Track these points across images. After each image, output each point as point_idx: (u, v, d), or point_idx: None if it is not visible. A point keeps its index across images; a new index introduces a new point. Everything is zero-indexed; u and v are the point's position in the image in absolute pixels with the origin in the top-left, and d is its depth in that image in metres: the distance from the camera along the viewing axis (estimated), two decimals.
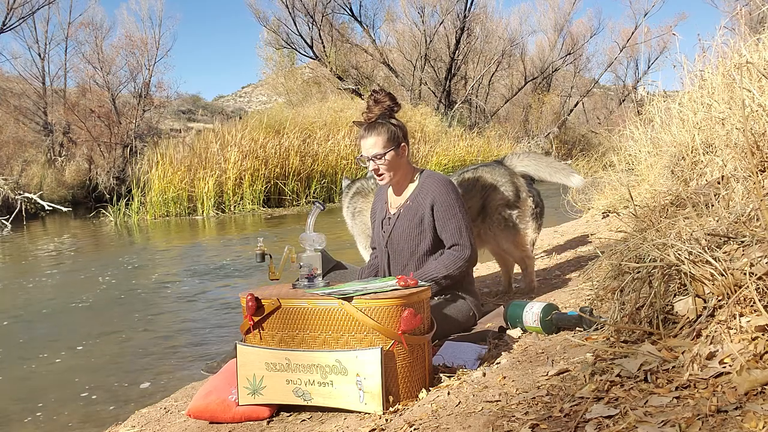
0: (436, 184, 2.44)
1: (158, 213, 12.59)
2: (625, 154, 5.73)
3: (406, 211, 2.47)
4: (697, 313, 1.48)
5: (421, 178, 2.50)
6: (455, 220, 2.41)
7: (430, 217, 2.42)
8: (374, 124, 2.40)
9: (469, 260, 2.42)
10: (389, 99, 2.41)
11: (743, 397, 1.18)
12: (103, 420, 2.69)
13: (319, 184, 14.20)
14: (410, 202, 2.47)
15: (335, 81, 23.06)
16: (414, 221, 2.44)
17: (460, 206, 2.44)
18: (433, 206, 2.42)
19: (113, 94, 20.05)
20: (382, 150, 2.39)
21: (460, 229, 2.41)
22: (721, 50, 4.00)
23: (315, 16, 22.37)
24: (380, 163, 2.41)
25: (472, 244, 2.43)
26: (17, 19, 18.69)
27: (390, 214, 2.54)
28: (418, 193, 2.46)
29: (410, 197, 2.48)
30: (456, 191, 2.48)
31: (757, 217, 1.73)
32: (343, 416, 1.82)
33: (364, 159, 2.45)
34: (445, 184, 2.45)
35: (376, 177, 2.48)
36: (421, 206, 2.44)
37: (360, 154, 2.48)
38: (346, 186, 3.32)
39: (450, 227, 2.41)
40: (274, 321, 1.98)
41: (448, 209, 2.41)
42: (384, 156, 2.39)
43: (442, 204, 2.41)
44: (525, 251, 3.03)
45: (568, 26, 26.41)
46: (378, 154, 2.39)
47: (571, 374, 1.58)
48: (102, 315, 4.68)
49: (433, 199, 2.42)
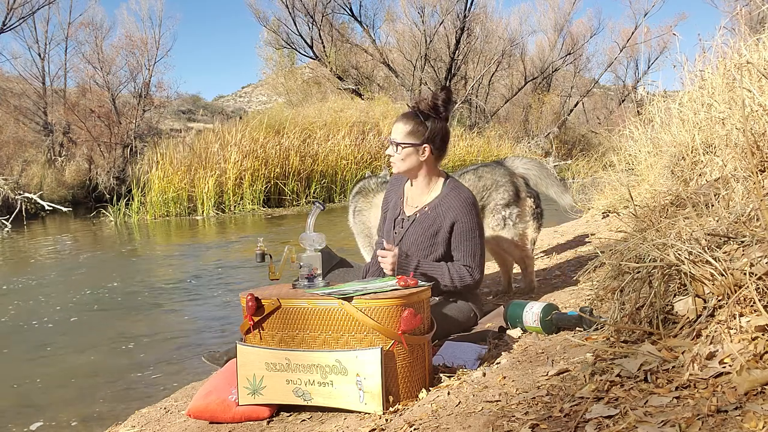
0: (461, 203, 2.38)
1: (158, 213, 12.59)
2: (625, 154, 5.73)
3: (423, 217, 2.42)
4: (697, 313, 1.48)
5: (445, 187, 2.44)
6: (472, 243, 2.39)
7: (446, 233, 2.39)
8: (409, 113, 2.39)
9: (475, 284, 2.41)
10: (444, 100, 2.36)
11: (743, 397, 1.18)
12: (103, 420, 2.69)
13: (319, 184, 14.20)
14: (429, 210, 2.42)
15: (335, 81, 23.06)
16: (429, 231, 2.40)
17: (480, 230, 2.42)
18: (453, 225, 2.38)
19: (113, 94, 20.04)
20: (400, 139, 2.36)
21: (474, 253, 2.39)
22: (721, 50, 4.00)
23: (315, 16, 22.37)
24: (394, 150, 2.39)
25: (482, 270, 2.42)
26: (17, 19, 18.68)
27: (405, 215, 2.49)
28: (439, 203, 2.41)
29: (430, 205, 2.43)
30: (478, 211, 2.44)
31: (757, 217, 1.73)
32: (343, 416, 1.82)
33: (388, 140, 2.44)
34: (469, 204, 2.40)
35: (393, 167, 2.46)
36: (440, 218, 2.39)
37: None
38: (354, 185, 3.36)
39: (465, 249, 2.38)
40: (274, 321, 1.98)
41: (468, 232, 2.38)
42: (399, 145, 2.37)
43: (463, 225, 2.37)
44: (525, 251, 3.03)
45: (568, 26, 26.42)
46: (396, 141, 2.37)
47: (571, 374, 1.58)
48: (102, 315, 4.68)
49: (454, 218, 2.37)
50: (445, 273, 2.34)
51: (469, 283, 2.38)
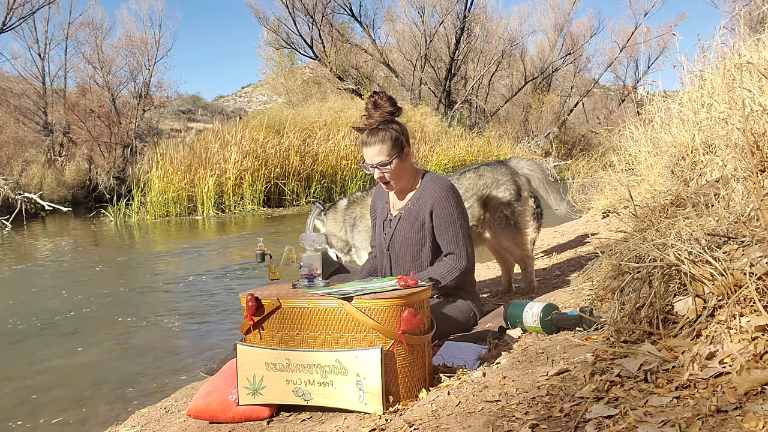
0: (437, 189, 2.38)
1: (158, 213, 12.59)
2: (625, 154, 5.73)
3: (407, 214, 2.43)
4: (697, 313, 1.48)
5: (423, 180, 2.45)
6: (453, 227, 2.36)
7: (429, 222, 2.39)
8: (377, 131, 2.32)
9: (465, 270, 2.37)
10: (390, 104, 2.33)
11: (743, 397, 1.18)
12: (103, 420, 2.69)
13: (319, 184, 14.20)
14: (411, 205, 2.43)
15: (335, 81, 23.06)
16: (415, 225, 2.40)
17: (459, 213, 2.39)
18: (432, 212, 2.37)
19: (113, 94, 20.07)
20: (387, 158, 2.32)
21: (457, 237, 2.36)
22: (721, 50, 4.01)
23: (315, 16, 22.38)
24: (385, 171, 2.34)
25: (468, 254, 2.38)
26: (17, 19, 18.71)
27: (391, 216, 2.50)
28: (419, 197, 2.42)
29: (412, 200, 2.44)
30: (456, 196, 2.42)
31: (757, 217, 1.73)
32: (343, 416, 1.82)
33: (367, 166, 2.37)
34: (445, 189, 2.39)
35: (382, 185, 2.42)
36: (422, 210, 2.39)
37: (363, 161, 2.39)
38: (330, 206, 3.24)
39: (447, 235, 2.36)
40: (274, 321, 1.98)
41: (447, 216, 2.36)
42: (389, 164, 2.33)
43: (441, 210, 2.36)
44: (525, 250, 3.03)
45: (568, 26, 26.44)
46: (383, 162, 2.32)
47: (571, 374, 1.58)
48: (102, 315, 4.68)
49: (432, 205, 2.37)
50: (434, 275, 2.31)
51: (458, 274, 2.34)
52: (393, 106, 2.34)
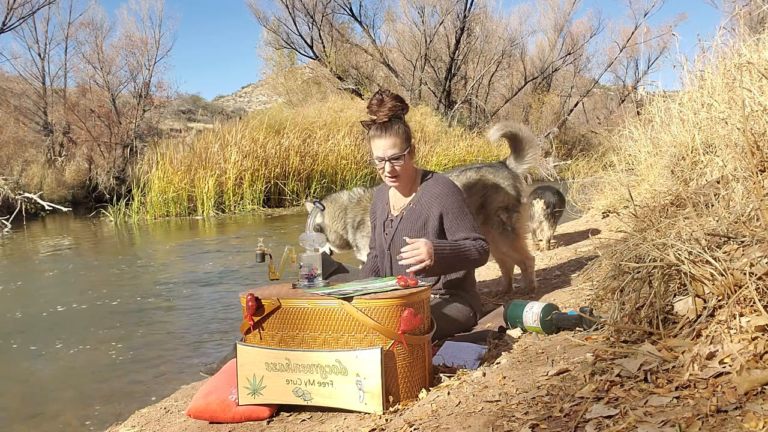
0: (442, 190, 2.40)
1: (158, 213, 12.60)
2: (625, 154, 5.73)
3: (409, 213, 2.44)
4: (697, 313, 1.48)
5: (424, 180, 2.47)
6: (466, 219, 2.39)
7: (437, 222, 2.39)
8: (389, 124, 2.34)
9: (486, 251, 2.39)
10: (397, 99, 2.36)
11: (743, 397, 1.18)
12: (103, 420, 2.69)
13: (319, 184, 14.21)
14: (413, 205, 2.44)
15: (335, 81, 23.07)
16: (417, 224, 2.41)
17: (468, 205, 2.44)
18: (442, 214, 2.39)
19: (113, 94, 20.08)
20: (400, 151, 2.34)
21: (473, 226, 2.40)
22: (721, 50, 4.01)
23: (315, 16, 22.39)
24: (398, 164, 2.36)
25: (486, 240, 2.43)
26: (17, 19, 18.73)
27: (392, 216, 2.50)
28: (421, 196, 2.43)
29: (413, 200, 2.45)
30: (460, 192, 2.46)
31: (757, 217, 1.73)
32: (343, 416, 1.82)
33: (379, 159, 2.37)
34: (449, 188, 2.42)
35: (389, 179, 2.41)
36: (425, 209, 2.41)
37: (373, 155, 2.38)
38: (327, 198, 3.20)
39: (465, 225, 2.38)
40: (274, 321, 1.98)
41: (458, 212, 2.39)
42: (402, 156, 2.35)
43: (451, 209, 2.38)
44: (523, 254, 3.03)
45: (568, 26, 26.46)
46: (396, 154, 2.34)
47: (571, 374, 1.58)
48: (102, 315, 4.68)
49: (442, 208, 2.38)
50: (471, 248, 2.33)
51: (485, 254, 2.37)
52: (401, 102, 2.37)
